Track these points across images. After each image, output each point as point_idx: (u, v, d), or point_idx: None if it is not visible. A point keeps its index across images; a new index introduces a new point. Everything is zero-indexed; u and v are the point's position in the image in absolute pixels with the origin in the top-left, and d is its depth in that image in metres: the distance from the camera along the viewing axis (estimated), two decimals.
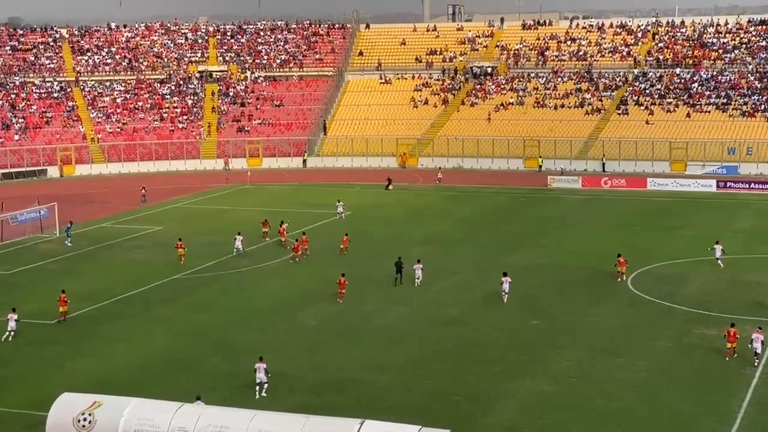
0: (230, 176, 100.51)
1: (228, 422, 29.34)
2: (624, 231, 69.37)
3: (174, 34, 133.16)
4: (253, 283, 56.22)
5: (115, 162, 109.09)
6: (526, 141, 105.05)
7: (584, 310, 48.16)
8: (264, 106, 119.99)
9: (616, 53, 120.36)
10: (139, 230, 72.97)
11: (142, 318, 48.95)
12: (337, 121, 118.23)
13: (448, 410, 35.37)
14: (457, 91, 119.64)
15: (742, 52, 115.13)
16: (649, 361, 40.60)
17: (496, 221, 74.84)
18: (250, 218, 75.94)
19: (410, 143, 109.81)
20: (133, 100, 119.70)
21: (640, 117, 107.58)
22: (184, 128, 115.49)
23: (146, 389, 35.08)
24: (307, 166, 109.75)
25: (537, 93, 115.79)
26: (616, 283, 53.59)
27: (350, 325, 46.77)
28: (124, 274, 58.65)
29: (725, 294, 51.27)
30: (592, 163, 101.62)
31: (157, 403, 31.05)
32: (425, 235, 68.97)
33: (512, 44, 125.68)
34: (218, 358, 42.27)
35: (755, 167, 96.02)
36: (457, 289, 53.42)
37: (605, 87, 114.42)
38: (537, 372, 39.58)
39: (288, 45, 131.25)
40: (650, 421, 34.40)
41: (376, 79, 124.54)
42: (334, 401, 36.10)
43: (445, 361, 41.24)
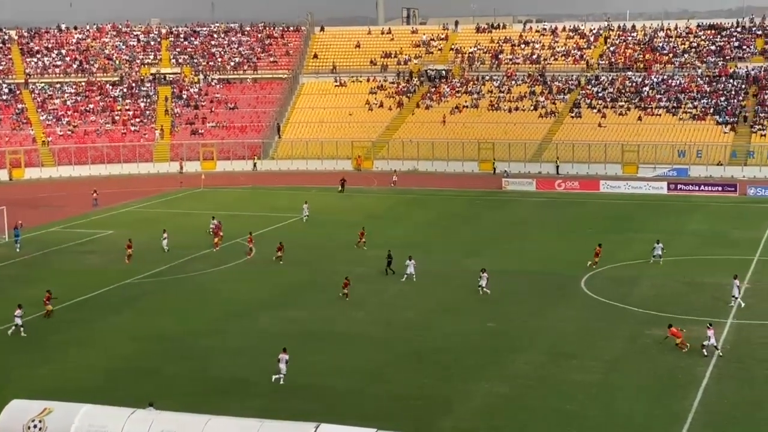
0: (184, 179, 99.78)
1: (181, 428, 29.07)
2: (577, 233, 69.90)
3: (126, 36, 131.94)
4: (210, 287, 55.81)
5: (65, 165, 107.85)
6: (481, 144, 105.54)
7: (540, 313, 48.43)
8: (218, 109, 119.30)
9: (569, 57, 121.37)
10: (91, 234, 72.17)
11: (95, 324, 48.33)
12: (292, 123, 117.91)
13: (405, 414, 35.38)
14: (412, 93, 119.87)
15: (691, 56, 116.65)
16: (604, 363, 40.93)
17: (452, 225, 75.00)
18: (205, 222, 75.42)
19: (365, 146, 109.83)
20: (84, 102, 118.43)
21: (593, 120, 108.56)
22: (136, 131, 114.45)
23: (100, 396, 34.65)
24: (258, 169, 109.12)
25: (491, 96, 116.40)
26: (570, 285, 53.98)
27: (308, 330, 46.57)
28: (76, 279, 57.91)
29: (677, 295, 51.88)
30: (546, 165, 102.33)
31: (108, 410, 30.68)
32: (382, 239, 68.81)
33: (466, 47, 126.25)
34: (174, 363, 41.88)
35: (705, 169, 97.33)
36: (415, 293, 53.41)
37: (558, 90, 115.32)
38: (494, 375, 39.71)
39: (242, 47, 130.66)
40: (605, 422, 34.68)
41: (330, 82, 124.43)
42: (292, 406, 35.90)
43: (402, 365, 41.23)
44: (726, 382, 38.35)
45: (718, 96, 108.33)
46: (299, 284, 55.77)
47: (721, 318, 46.83)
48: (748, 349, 42.33)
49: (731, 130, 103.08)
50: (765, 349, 42.41)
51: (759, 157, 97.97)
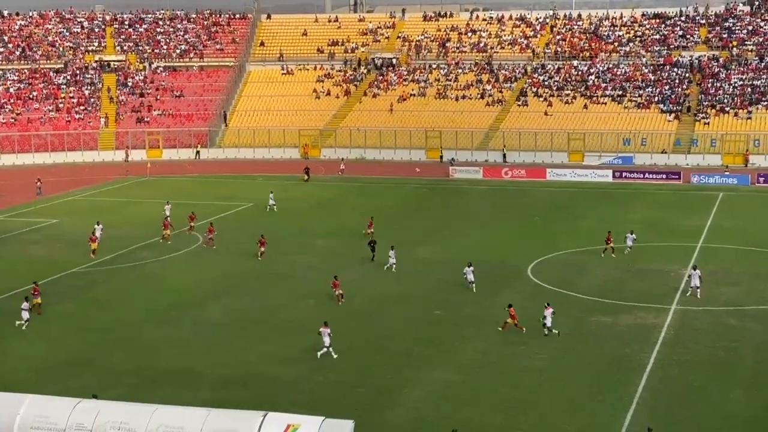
0: (130, 168, 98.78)
1: (128, 417, 28.85)
2: (524, 221, 70.46)
3: (69, 23, 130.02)
4: (155, 276, 55.42)
5: (8, 153, 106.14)
6: (428, 132, 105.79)
7: (487, 301, 48.71)
8: (164, 97, 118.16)
9: (516, 45, 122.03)
10: (35, 223, 71.19)
11: (38, 314, 47.67)
12: (239, 112, 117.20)
13: (352, 402, 35.46)
14: (359, 82, 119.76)
15: (636, 45, 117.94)
16: (550, 350, 41.34)
17: (400, 214, 75.08)
18: (150, 211, 74.86)
19: (312, 134, 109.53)
20: (27, 89, 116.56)
21: (539, 108, 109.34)
22: (81, 119, 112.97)
23: (44, 388, 34.26)
24: (202, 157, 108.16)
25: (438, 84, 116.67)
26: (517, 273, 54.40)
27: (255, 320, 46.45)
28: (18, 268, 57.11)
29: (622, 282, 52.51)
30: (492, 153, 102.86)
31: (53, 400, 30.37)
32: (330, 228, 68.85)
33: (414, 36, 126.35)
34: (119, 354, 41.55)
35: (649, 157, 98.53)
36: (363, 282, 53.44)
37: (505, 78, 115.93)
38: (442, 362, 39.94)
39: (188, 35, 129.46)
40: (551, 408, 35.06)
41: (277, 70, 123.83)
42: (238, 396, 35.77)
43: (350, 353, 41.25)
44: (670, 367, 38.93)
45: (663, 85, 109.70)
46: (247, 273, 55.53)
47: (665, 304, 47.52)
48: (692, 335, 43.00)
49: (675, 118, 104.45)
50: (708, 334, 43.12)
51: (702, 145, 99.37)
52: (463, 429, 31.04)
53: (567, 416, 34.34)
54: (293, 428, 27.79)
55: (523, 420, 34.04)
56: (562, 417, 34.29)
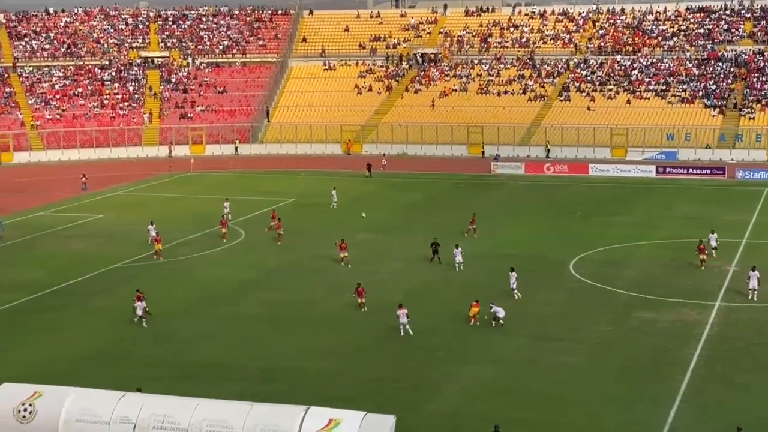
0: (173, 163, 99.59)
1: (171, 411, 29.09)
2: (566, 217, 70.07)
3: (114, 20, 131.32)
4: (195, 271, 55.81)
5: (54, 149, 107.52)
6: (470, 127, 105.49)
7: (526, 296, 48.49)
8: (207, 93, 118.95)
9: (558, 40, 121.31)
10: (80, 218, 72.04)
11: (81, 308, 48.36)
12: (281, 107, 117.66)
13: (391, 397, 35.48)
14: (401, 77, 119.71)
15: (680, 39, 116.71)
16: (590, 346, 41.09)
17: (440, 208, 75.04)
18: (193, 206, 75.63)
19: (354, 130, 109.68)
20: (72, 86, 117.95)
21: (582, 103, 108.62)
22: (125, 115, 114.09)
23: (86, 380, 34.55)
24: (243, 153, 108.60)
25: (480, 79, 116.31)
26: (558, 268, 54.15)
27: (293, 314, 46.64)
28: (63, 263, 57.89)
29: (665, 278, 51.99)
30: (534, 149, 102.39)
31: (98, 393, 30.70)
32: (368, 221, 69.00)
33: (455, 31, 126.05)
34: (158, 347, 41.94)
35: (693, 153, 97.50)
36: (400, 276, 53.51)
37: (547, 74, 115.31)
38: (479, 358, 39.84)
39: (231, 31, 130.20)
40: (591, 404, 34.83)
41: (319, 66, 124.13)
42: (276, 390, 35.96)
43: (388, 347, 41.34)
44: (714, 364, 38.48)
45: (707, 79, 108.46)
46: (285, 267, 55.72)
47: (709, 300, 47.05)
48: (736, 332, 42.49)
49: (720, 113, 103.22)
50: (753, 331, 42.59)
51: (747, 141, 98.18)
52: (502, 424, 30.99)
53: (607, 412, 34.10)
54: (335, 423, 27.90)
55: (562, 416, 33.83)
56: (601, 413, 34.06)
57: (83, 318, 46.63)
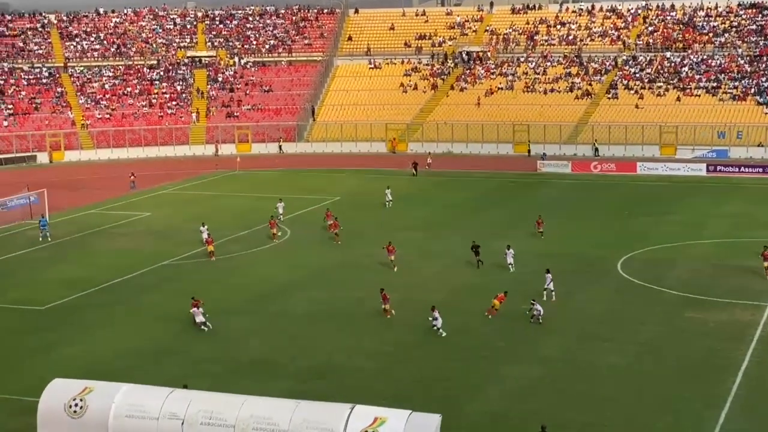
0: (219, 162, 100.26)
1: (219, 407, 29.33)
2: (614, 216, 69.46)
3: (163, 20, 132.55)
4: (242, 269, 56.10)
5: (104, 148, 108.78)
6: (516, 126, 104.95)
7: (573, 295, 48.16)
8: (253, 92, 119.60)
9: (606, 37, 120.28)
10: (128, 216, 72.79)
11: (129, 305, 48.82)
12: (326, 106, 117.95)
13: (436, 396, 35.39)
14: (447, 76, 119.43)
15: (732, 35, 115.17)
16: (638, 346, 40.67)
17: (485, 207, 74.77)
18: (239, 204, 76.13)
19: (400, 129, 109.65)
20: (122, 86, 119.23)
21: (630, 101, 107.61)
22: (173, 114, 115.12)
23: (134, 376, 35.00)
24: (288, 152, 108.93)
25: (526, 77, 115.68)
26: (606, 267, 53.67)
27: (338, 312, 46.69)
28: (112, 260, 58.52)
29: (714, 277, 51.33)
30: (581, 147, 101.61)
31: (147, 389, 31.03)
32: (413, 220, 68.96)
33: (502, 29, 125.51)
34: (206, 344, 42.21)
35: (745, 151, 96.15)
36: (445, 275, 53.39)
37: (595, 71, 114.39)
38: (525, 357, 39.61)
39: (277, 30, 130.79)
40: (638, 404, 34.46)
41: (365, 65, 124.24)
42: (321, 387, 36.04)
43: (433, 347, 41.25)
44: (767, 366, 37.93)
45: (759, 76, 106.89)
46: (331, 266, 55.85)
47: (762, 301, 46.34)
48: None
49: None
50: None
51: None
52: (549, 425, 30.75)
53: (655, 413, 33.70)
54: (380, 421, 27.91)
55: (609, 417, 33.53)
56: (649, 414, 33.68)
57: (132, 315, 47.10)
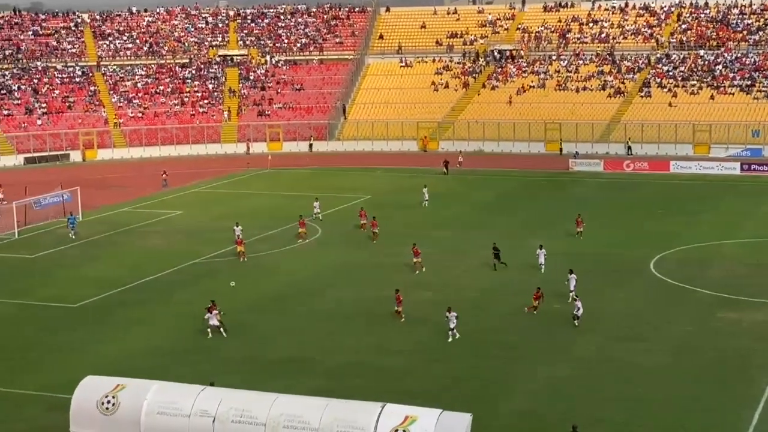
0: (251, 160, 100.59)
1: (249, 405, 29.43)
2: (646, 215, 68.98)
3: (195, 19, 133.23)
4: (272, 267, 56.20)
5: (136, 146, 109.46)
6: (548, 124, 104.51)
7: (606, 295, 47.85)
8: (284, 90, 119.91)
9: (639, 35, 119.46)
10: (160, 214, 73.19)
11: (161, 302, 49.09)
12: (358, 104, 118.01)
13: (466, 394, 35.28)
14: (478, 74, 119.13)
15: (767, 33, 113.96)
16: (671, 346, 40.36)
17: (516, 205, 74.55)
18: (271, 203, 76.36)
19: (431, 127, 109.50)
20: (154, 84, 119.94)
21: (663, 99, 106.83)
22: (204, 112, 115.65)
23: (165, 374, 35.11)
24: (320, 150, 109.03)
25: (558, 76, 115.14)
26: (639, 266, 53.30)
27: (368, 310, 46.67)
28: (144, 258, 58.84)
29: (748, 277, 50.85)
30: (614, 145, 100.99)
31: (179, 387, 31.20)
32: (444, 219, 68.87)
33: (533, 27, 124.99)
34: (236, 342, 42.34)
35: None
36: (477, 273, 53.23)
37: (628, 69, 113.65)
38: (557, 357, 39.40)
39: (308, 28, 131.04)
40: (670, 405, 34.17)
41: (396, 63, 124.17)
42: (351, 385, 36.01)
43: (463, 345, 41.13)
44: None
45: None
46: (361, 264, 55.86)
47: None
48: None
49: None
50: None
51: None
52: (581, 425, 30.58)
53: (688, 414, 33.41)
54: (411, 420, 27.88)
55: (641, 416, 33.27)
56: (683, 414, 33.39)
57: (163, 313, 47.34)
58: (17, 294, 51.03)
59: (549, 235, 61.55)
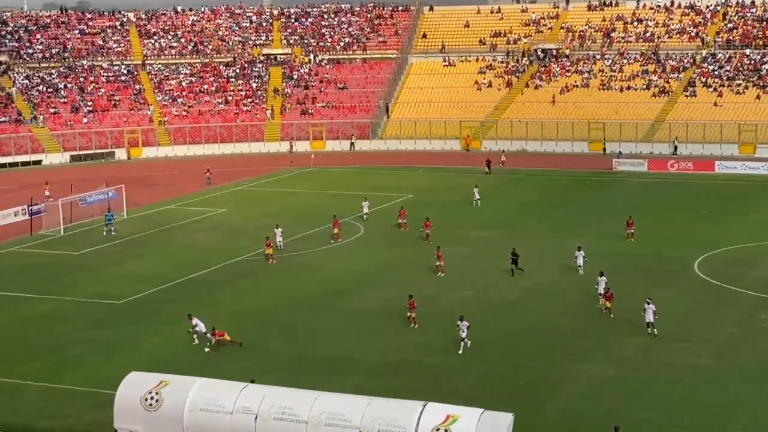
0: (294, 159, 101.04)
1: (291, 403, 29.50)
2: (690, 215, 68.38)
3: (239, 18, 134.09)
4: (315, 265, 56.40)
5: (180, 144, 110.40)
6: (591, 124, 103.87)
7: (649, 295, 47.40)
8: (327, 89, 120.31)
9: (684, 34, 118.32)
10: (204, 212, 73.76)
11: (204, 300, 49.42)
12: (400, 103, 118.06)
13: (508, 394, 35.23)
14: (521, 73, 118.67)
15: None
16: (715, 347, 40.04)
17: (560, 205, 74.18)
18: (313, 201, 76.66)
19: (474, 126, 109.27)
20: (198, 83, 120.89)
21: (708, 99, 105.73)
22: (248, 111, 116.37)
23: (206, 370, 35.41)
24: (363, 149, 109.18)
25: (602, 75, 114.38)
26: (681, 267, 52.86)
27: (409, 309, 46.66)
28: (187, 256, 59.34)
29: None
30: (658, 145, 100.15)
31: (222, 383, 31.37)
32: (486, 218, 68.72)
33: (578, 26, 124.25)
34: (278, 340, 42.62)
35: None
36: (517, 273, 53.00)
37: (672, 69, 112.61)
38: (600, 357, 39.22)
39: (352, 28, 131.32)
40: (715, 406, 33.94)
41: (439, 62, 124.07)
42: (393, 384, 36.11)
43: (505, 345, 41.08)
44: None
45: None
46: (402, 263, 55.88)
47: None
48: None
49: None
50: None
51: None
52: (623, 425, 30.43)
53: (732, 415, 33.13)
54: (453, 419, 27.85)
55: (685, 418, 33.04)
56: (726, 415, 33.12)
57: (206, 310, 47.54)
58: (63, 290, 51.74)
59: (592, 234, 61.35)
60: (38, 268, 57.52)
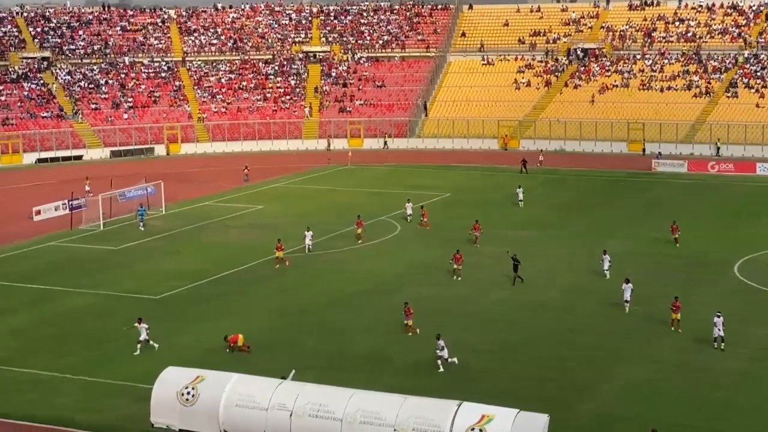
0: (331, 156, 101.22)
1: (327, 400, 29.60)
2: (731, 217, 67.66)
3: (278, 15, 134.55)
4: (349, 264, 56.49)
5: (219, 141, 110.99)
6: (631, 124, 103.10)
7: (687, 298, 46.91)
8: (366, 87, 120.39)
9: (726, 34, 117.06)
10: (241, 209, 74.08)
11: (240, 296, 49.72)
12: (439, 102, 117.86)
13: (543, 395, 35.07)
14: (561, 73, 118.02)
15: None
16: (754, 350, 39.64)
17: (597, 205, 73.72)
18: (350, 199, 76.73)
19: (512, 125, 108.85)
20: (237, 80, 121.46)
21: (751, 100, 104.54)
22: (286, 108, 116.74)
23: (241, 366, 35.56)
24: (399, 147, 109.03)
25: (643, 75, 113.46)
26: (722, 270, 52.34)
27: (445, 308, 46.63)
28: (224, 252, 59.61)
29: None
30: (698, 146, 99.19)
31: (257, 380, 31.52)
32: (523, 218, 68.43)
33: (618, 25, 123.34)
34: (312, 337, 42.73)
35: None
36: (555, 273, 52.80)
37: (714, 69, 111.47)
38: (636, 359, 38.96)
39: (391, 26, 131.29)
40: (750, 410, 33.61)
41: (478, 61, 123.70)
42: (427, 383, 36.10)
43: (540, 345, 40.91)
44: None
45: None
46: (436, 262, 55.53)
47: None
48: None
49: None
50: None
51: None
52: (660, 429, 30.18)
53: (766, 419, 32.90)
54: (488, 419, 27.81)
55: (723, 422, 32.76)
56: (764, 420, 32.76)
57: (241, 306, 47.91)
58: (103, 285, 52.22)
59: (629, 235, 60.98)
60: (77, 262, 58.12)
